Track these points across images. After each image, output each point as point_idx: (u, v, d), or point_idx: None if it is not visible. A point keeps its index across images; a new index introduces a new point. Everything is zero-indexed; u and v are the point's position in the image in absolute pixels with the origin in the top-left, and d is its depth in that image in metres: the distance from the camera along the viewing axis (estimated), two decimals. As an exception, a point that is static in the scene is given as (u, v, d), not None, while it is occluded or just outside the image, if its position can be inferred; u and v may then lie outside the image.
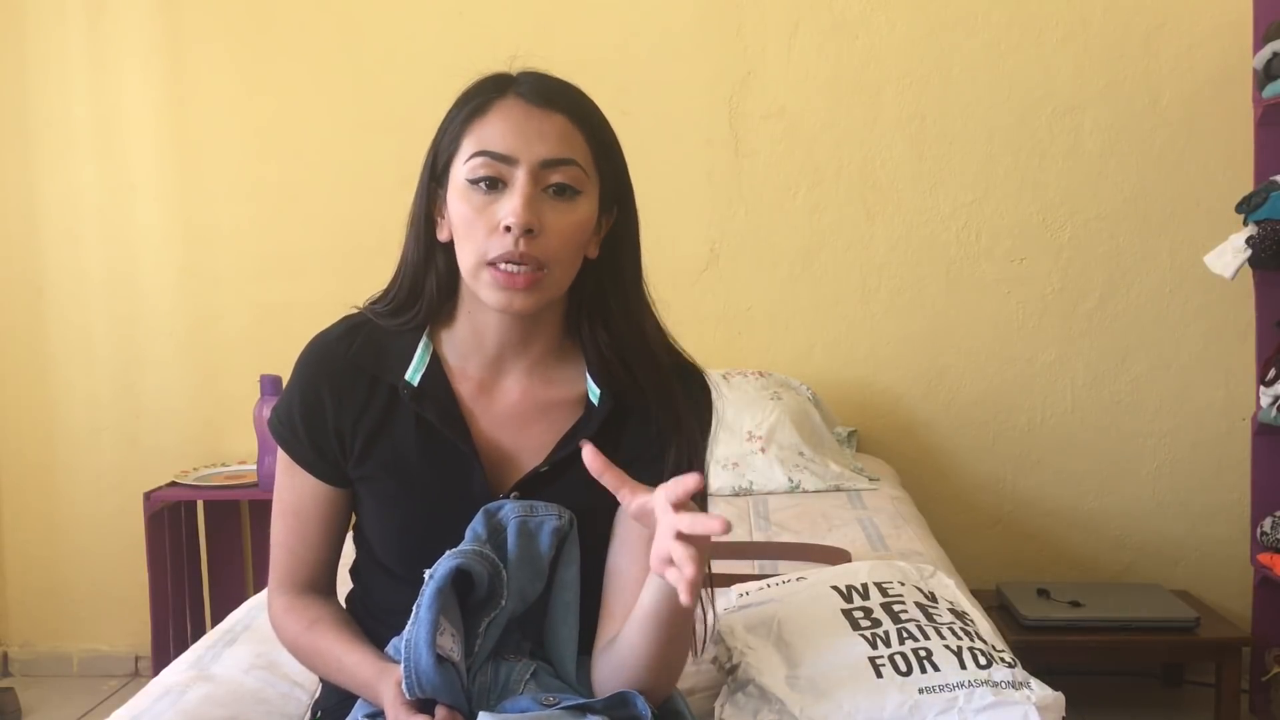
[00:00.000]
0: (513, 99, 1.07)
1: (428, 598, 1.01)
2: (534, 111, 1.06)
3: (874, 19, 2.95)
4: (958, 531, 2.92)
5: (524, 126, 1.05)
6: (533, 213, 1.03)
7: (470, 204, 1.06)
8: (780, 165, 3.00)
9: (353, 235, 2.98)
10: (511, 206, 1.03)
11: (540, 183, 1.05)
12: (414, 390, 1.13)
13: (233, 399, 3.07)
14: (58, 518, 3.20)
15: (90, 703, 2.97)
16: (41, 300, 3.16)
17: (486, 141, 1.05)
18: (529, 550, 1.08)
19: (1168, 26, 2.88)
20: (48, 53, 3.09)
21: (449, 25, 3.02)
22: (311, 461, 1.16)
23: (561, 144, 1.06)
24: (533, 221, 1.03)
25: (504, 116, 1.06)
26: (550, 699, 1.04)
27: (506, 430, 1.14)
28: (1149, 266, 2.93)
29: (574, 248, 1.08)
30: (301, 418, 1.15)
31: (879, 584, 1.38)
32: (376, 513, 1.17)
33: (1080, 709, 2.62)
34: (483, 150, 1.05)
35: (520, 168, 1.05)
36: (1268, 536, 2.59)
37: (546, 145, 1.05)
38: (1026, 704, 1.17)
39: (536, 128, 1.05)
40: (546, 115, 1.06)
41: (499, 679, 1.07)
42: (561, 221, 1.06)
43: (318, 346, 1.17)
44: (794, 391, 2.81)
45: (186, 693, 1.38)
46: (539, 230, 1.04)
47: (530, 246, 1.04)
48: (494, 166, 1.05)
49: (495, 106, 1.07)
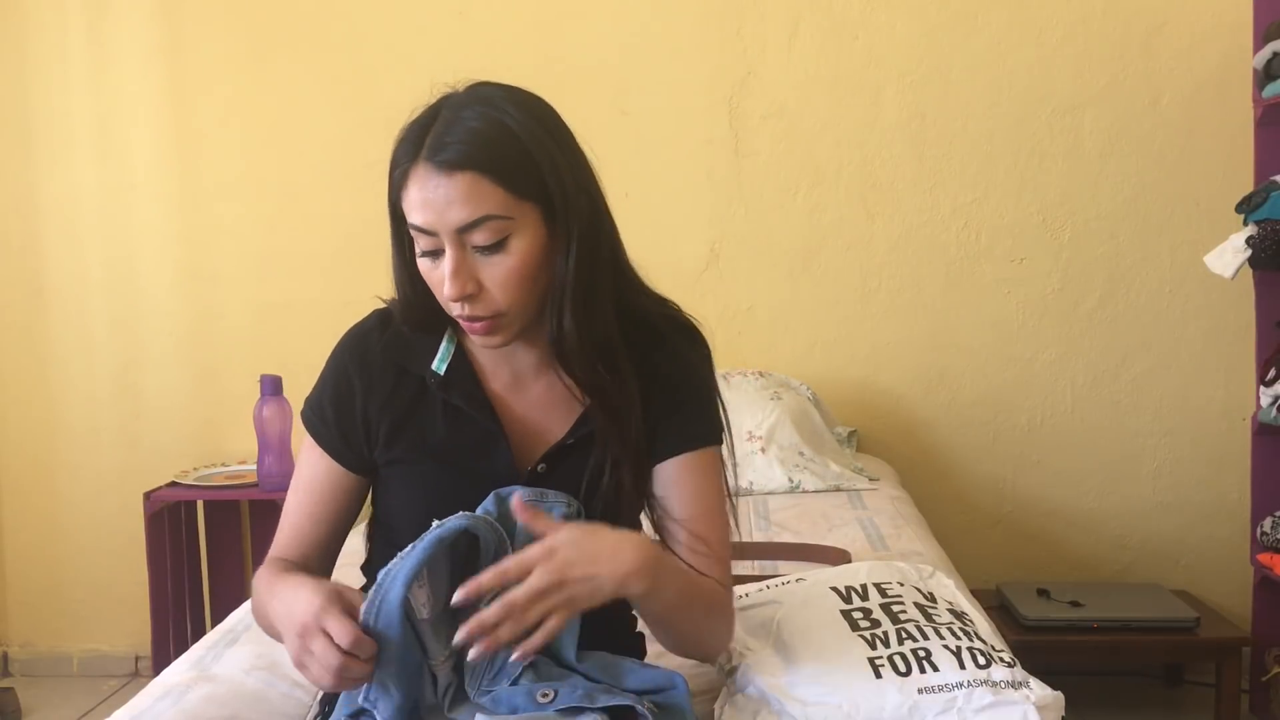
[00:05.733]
0: (422, 167, 1.07)
1: (426, 542, 1.01)
2: (440, 180, 1.05)
3: (874, 19, 2.95)
4: (958, 531, 2.92)
5: (434, 198, 1.05)
6: (463, 279, 1.07)
7: (424, 265, 1.11)
8: (780, 165, 3.00)
9: (353, 235, 2.97)
10: (443, 279, 1.08)
11: (465, 245, 1.07)
12: (441, 380, 1.18)
13: (233, 399, 3.07)
14: (58, 518, 3.21)
15: (90, 703, 2.98)
16: (41, 300, 3.16)
17: (411, 215, 1.08)
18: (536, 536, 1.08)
19: (1168, 26, 2.88)
20: (48, 53, 3.10)
21: (449, 25, 3.02)
22: (336, 446, 1.20)
23: (470, 206, 1.05)
24: (466, 287, 1.07)
25: (419, 187, 1.06)
26: (546, 694, 1.04)
27: (531, 413, 1.20)
28: (1149, 266, 2.94)
29: (521, 284, 1.09)
30: (331, 402, 1.20)
31: (878, 585, 1.38)
32: (405, 495, 1.19)
33: (1080, 709, 2.63)
34: (412, 225, 1.09)
35: (443, 237, 1.07)
36: (1268, 536, 2.59)
37: (457, 211, 1.05)
38: (1026, 703, 1.17)
39: (444, 196, 1.05)
40: (450, 179, 1.05)
41: (495, 659, 1.07)
42: (497, 272, 1.08)
43: (350, 337, 1.22)
44: (794, 391, 2.81)
45: (188, 693, 1.38)
46: (477, 291, 1.08)
47: (474, 308, 1.09)
48: (426, 240, 1.08)
49: (411, 176, 1.07)
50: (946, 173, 2.96)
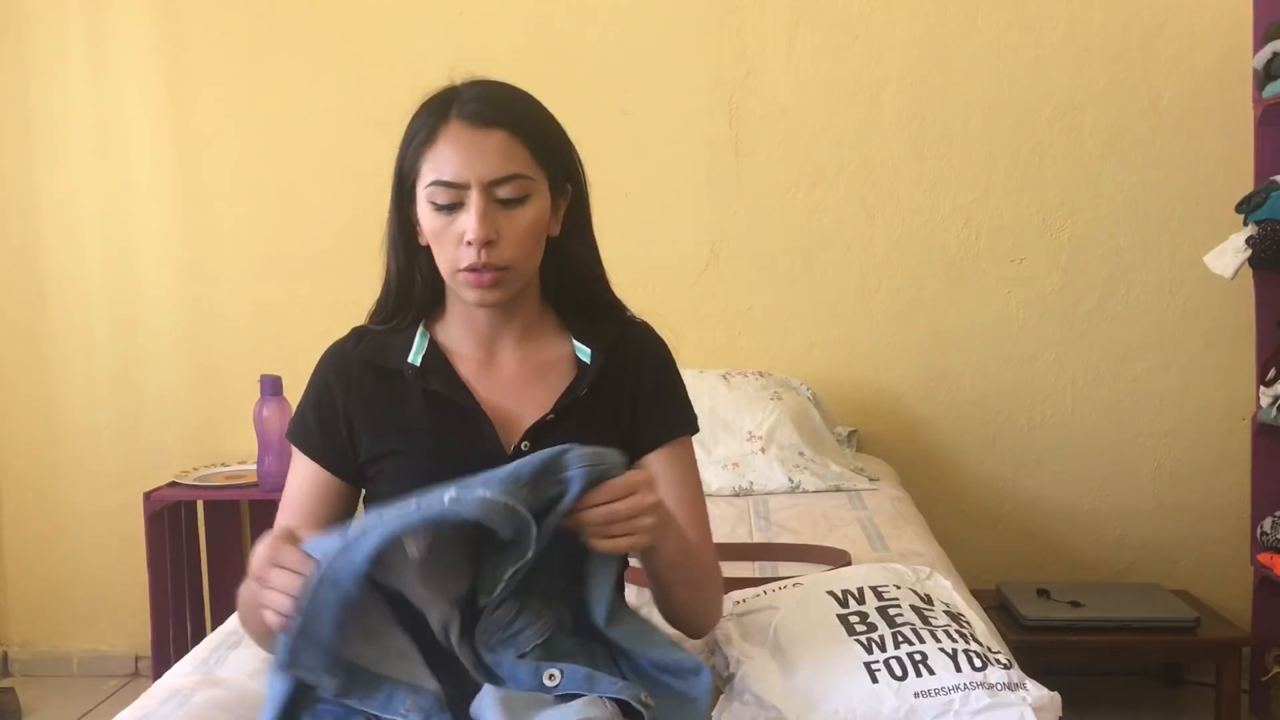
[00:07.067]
0: (455, 124, 1.17)
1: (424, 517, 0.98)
2: (475, 134, 1.16)
3: (874, 19, 2.95)
4: (958, 531, 2.92)
5: (468, 152, 1.15)
6: (488, 226, 1.15)
7: (436, 221, 1.18)
8: (780, 165, 3.00)
9: (353, 235, 2.96)
10: (469, 224, 1.15)
11: (490, 197, 1.16)
12: (418, 370, 1.24)
13: (233, 399, 3.07)
14: (58, 518, 3.21)
15: (90, 703, 2.98)
16: (41, 300, 3.16)
17: (439, 170, 1.16)
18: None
19: (1168, 26, 2.88)
20: (48, 53, 3.10)
21: (449, 25, 3.02)
22: (321, 451, 1.25)
23: (503, 161, 1.16)
24: (489, 234, 1.16)
25: (450, 143, 1.16)
26: (552, 675, 1.04)
27: (509, 394, 1.26)
28: (1149, 266, 2.93)
29: (531, 243, 1.20)
30: (314, 410, 1.26)
31: (874, 588, 1.38)
32: (394, 487, 1.18)
33: (1080, 709, 2.63)
34: (437, 180, 1.16)
35: (471, 189, 1.16)
36: (1268, 536, 2.59)
37: (490, 166, 1.15)
38: (1022, 705, 1.17)
39: (479, 150, 1.15)
40: (487, 135, 1.16)
41: (511, 626, 1.07)
42: (515, 226, 1.17)
43: (329, 352, 1.30)
44: (794, 391, 2.80)
45: (192, 696, 1.37)
46: (496, 239, 1.16)
47: (491, 255, 1.17)
48: (449, 193, 1.16)
49: (441, 133, 1.17)
50: (946, 173, 2.96)
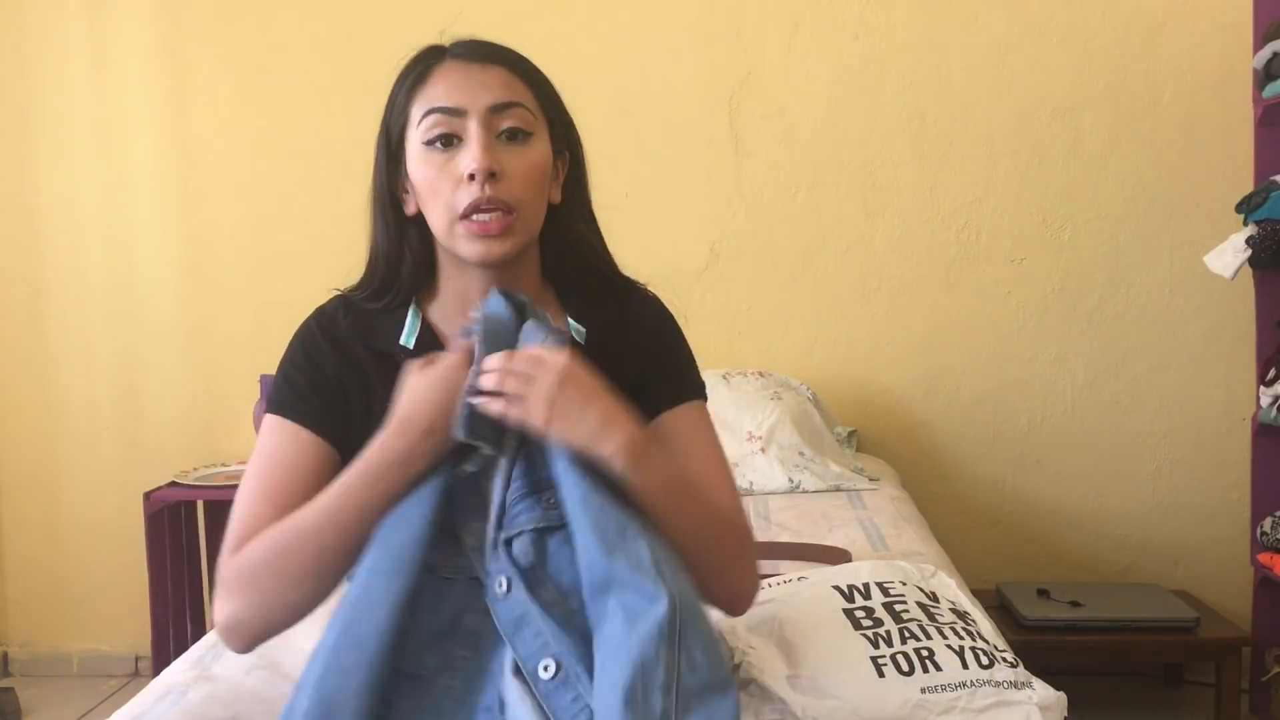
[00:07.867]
0: (450, 62, 1.13)
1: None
2: (473, 67, 1.12)
3: (874, 19, 2.95)
4: (958, 531, 2.92)
5: (467, 81, 1.10)
6: (492, 157, 1.07)
7: (431, 164, 1.10)
8: (780, 165, 3.00)
9: (353, 235, 2.95)
10: (471, 154, 1.07)
11: (493, 129, 1.09)
12: (409, 353, 1.14)
13: (233, 399, 3.07)
14: (58, 518, 3.20)
15: (90, 703, 2.97)
16: (41, 300, 3.16)
17: (434, 100, 1.10)
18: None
19: (1168, 26, 2.88)
20: (48, 53, 3.10)
21: (449, 26, 3.01)
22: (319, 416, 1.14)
23: (505, 90, 1.11)
24: (493, 165, 1.07)
25: (445, 77, 1.11)
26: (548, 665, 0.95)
27: None
28: (1149, 266, 2.94)
29: (536, 188, 1.11)
30: (303, 374, 1.16)
31: (880, 584, 1.38)
32: None
33: (1080, 709, 2.62)
34: (432, 108, 1.10)
35: (470, 118, 1.09)
36: (1268, 536, 2.59)
37: (491, 93, 1.10)
38: (1029, 704, 1.18)
39: (479, 79, 1.10)
40: (486, 68, 1.12)
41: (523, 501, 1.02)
42: (520, 163, 1.09)
43: (315, 316, 1.21)
44: (794, 391, 2.81)
45: (188, 693, 1.38)
46: (501, 174, 1.07)
47: (496, 190, 1.07)
48: (446, 122, 1.09)
49: (435, 71, 1.12)
50: (946, 173, 2.96)
